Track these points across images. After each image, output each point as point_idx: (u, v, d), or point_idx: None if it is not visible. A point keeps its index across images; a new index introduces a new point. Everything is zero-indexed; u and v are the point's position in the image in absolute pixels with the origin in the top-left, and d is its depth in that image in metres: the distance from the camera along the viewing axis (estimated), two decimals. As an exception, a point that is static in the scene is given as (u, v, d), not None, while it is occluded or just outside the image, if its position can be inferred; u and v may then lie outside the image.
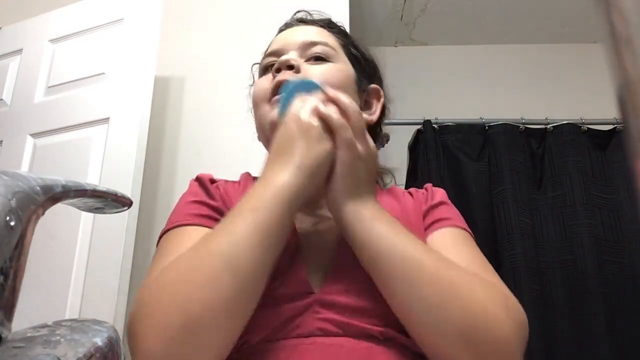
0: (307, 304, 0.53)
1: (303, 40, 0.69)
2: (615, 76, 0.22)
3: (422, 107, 2.17)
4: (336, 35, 0.72)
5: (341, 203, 0.54)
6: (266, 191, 0.51)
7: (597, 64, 2.27)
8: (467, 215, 1.94)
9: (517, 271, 1.65)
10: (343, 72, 0.68)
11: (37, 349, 0.30)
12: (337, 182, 0.54)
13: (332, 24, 0.75)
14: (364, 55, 0.74)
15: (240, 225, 0.48)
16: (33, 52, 1.68)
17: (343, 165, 0.54)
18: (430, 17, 2.41)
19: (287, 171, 0.52)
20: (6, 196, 0.31)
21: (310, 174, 0.52)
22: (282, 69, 0.65)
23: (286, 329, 0.52)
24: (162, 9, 1.56)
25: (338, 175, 0.54)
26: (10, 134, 1.60)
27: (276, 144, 0.55)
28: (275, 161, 0.54)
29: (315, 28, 0.72)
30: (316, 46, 0.68)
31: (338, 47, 0.70)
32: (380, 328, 0.52)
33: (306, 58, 0.68)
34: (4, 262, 0.30)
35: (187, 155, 1.62)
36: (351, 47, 0.72)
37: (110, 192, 0.44)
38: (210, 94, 1.66)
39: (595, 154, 1.84)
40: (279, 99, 0.61)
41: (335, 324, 0.52)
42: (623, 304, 1.62)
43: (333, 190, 0.55)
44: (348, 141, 0.54)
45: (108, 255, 1.31)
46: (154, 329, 0.44)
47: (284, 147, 0.54)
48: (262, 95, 0.67)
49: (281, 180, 0.51)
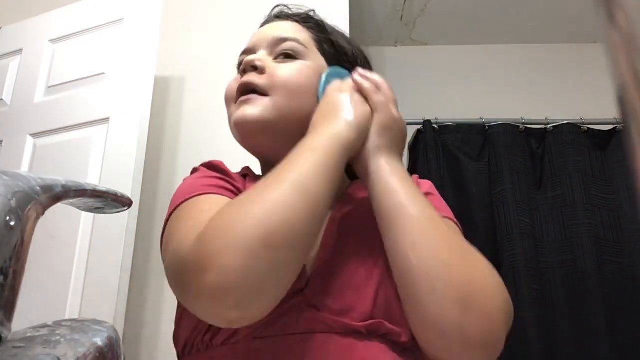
0: (294, 303, 0.54)
1: (273, 37, 0.68)
2: (615, 76, 0.22)
3: (422, 107, 2.17)
4: (310, 30, 0.70)
5: (374, 156, 0.58)
6: (322, 137, 0.55)
7: (597, 64, 2.27)
8: (467, 215, 1.96)
9: (517, 271, 1.65)
10: (310, 69, 0.66)
11: (37, 349, 0.30)
12: (371, 140, 0.59)
13: (308, 18, 0.73)
14: (342, 49, 0.72)
15: (305, 161, 0.51)
16: (33, 52, 1.68)
17: (378, 124, 0.59)
18: (430, 17, 2.41)
19: (340, 125, 0.56)
20: (6, 196, 0.31)
21: (359, 129, 0.57)
22: (247, 70, 0.65)
23: (273, 326, 0.52)
24: (162, 9, 1.56)
25: (373, 133, 0.59)
26: (10, 134, 1.60)
27: (320, 111, 0.60)
28: (323, 120, 0.58)
29: (288, 23, 0.71)
30: (285, 43, 0.67)
31: (310, 42, 0.68)
32: (364, 322, 0.53)
33: (275, 55, 0.67)
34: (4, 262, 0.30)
35: (187, 155, 1.62)
36: (325, 43, 0.70)
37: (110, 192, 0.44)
38: (210, 94, 1.66)
39: (595, 154, 1.84)
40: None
41: (322, 322, 0.53)
42: (623, 304, 1.63)
43: (366, 146, 0.58)
44: (383, 104, 0.60)
45: (108, 255, 1.31)
46: (234, 245, 0.44)
47: (329, 111, 0.59)
48: (230, 96, 0.67)
49: (335, 129, 0.56)
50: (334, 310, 0.53)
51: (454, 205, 1.77)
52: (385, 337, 0.54)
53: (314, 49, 0.69)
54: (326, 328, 0.53)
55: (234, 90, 0.66)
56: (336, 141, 0.54)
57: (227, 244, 0.44)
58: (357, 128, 0.57)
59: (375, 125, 0.59)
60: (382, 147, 0.59)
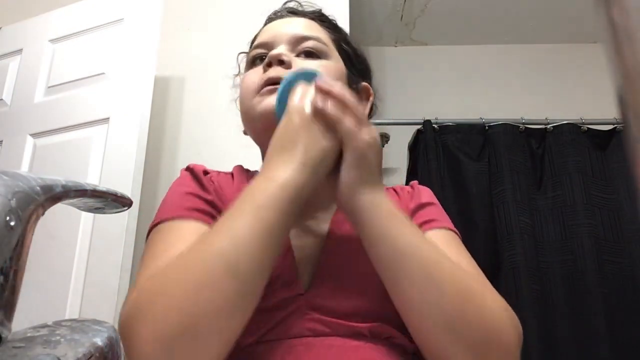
0: (297, 307, 0.54)
1: (294, 33, 0.66)
2: (615, 76, 0.22)
3: (422, 107, 2.17)
4: (327, 29, 0.70)
5: (355, 194, 0.51)
6: (269, 188, 0.48)
7: (597, 64, 2.27)
8: (467, 215, 1.95)
9: (517, 271, 1.65)
10: (335, 69, 0.66)
11: (37, 349, 0.30)
12: (348, 174, 0.51)
13: (324, 16, 0.72)
14: (356, 51, 0.72)
15: (242, 225, 0.46)
16: (33, 52, 1.68)
17: (353, 155, 0.51)
18: (430, 17, 2.41)
19: (291, 167, 0.49)
20: (6, 196, 0.31)
21: (314, 169, 0.50)
22: (273, 63, 0.63)
23: (277, 330, 0.52)
24: (162, 9, 1.56)
25: (349, 165, 0.51)
26: (10, 134, 1.60)
27: (278, 137, 0.53)
28: (277, 156, 0.51)
29: (306, 21, 0.69)
30: (308, 41, 0.65)
31: (329, 42, 0.68)
32: (368, 325, 0.53)
33: (297, 53, 0.65)
34: (4, 262, 0.30)
35: (187, 155, 1.62)
36: (343, 43, 0.70)
37: (110, 192, 0.44)
38: (210, 94, 1.66)
39: (595, 154, 1.84)
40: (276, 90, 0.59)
41: (324, 324, 0.53)
42: (623, 304, 1.62)
43: (344, 182, 0.52)
44: (352, 131, 0.51)
45: (108, 255, 1.31)
46: (153, 332, 0.42)
47: (286, 141, 0.52)
48: (252, 89, 0.64)
49: (285, 176, 0.49)
50: (337, 313, 0.53)
51: (454, 205, 1.79)
52: (388, 340, 0.54)
53: (333, 49, 0.68)
54: (329, 331, 0.52)
55: (256, 84, 0.64)
56: (287, 190, 0.48)
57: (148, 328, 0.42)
58: (313, 169, 0.50)
59: (348, 157, 0.51)
60: (361, 181, 0.51)
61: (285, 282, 0.55)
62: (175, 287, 0.44)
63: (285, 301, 0.54)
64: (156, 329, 0.42)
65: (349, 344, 0.52)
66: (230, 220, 0.47)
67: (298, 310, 0.53)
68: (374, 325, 0.53)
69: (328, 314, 0.53)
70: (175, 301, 0.43)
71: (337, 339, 0.52)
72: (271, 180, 0.49)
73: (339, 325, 0.52)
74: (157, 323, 0.42)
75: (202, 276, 0.43)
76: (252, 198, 0.48)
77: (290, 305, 0.54)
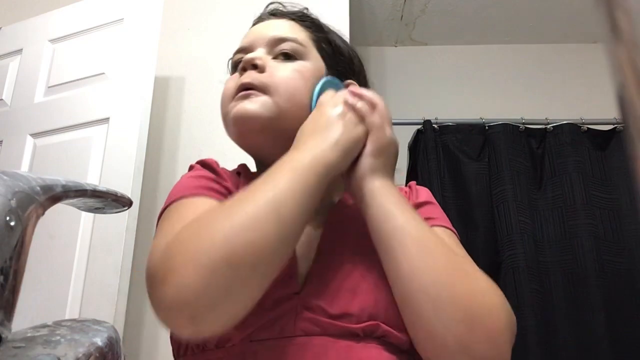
0: (291, 306, 0.54)
1: (272, 35, 0.66)
2: (615, 76, 0.22)
3: (422, 107, 2.17)
4: (308, 29, 0.69)
5: (368, 178, 0.56)
6: (304, 157, 0.53)
7: (597, 64, 2.28)
8: (467, 215, 1.95)
9: (517, 271, 1.65)
10: (312, 70, 0.65)
11: (37, 349, 0.30)
12: (366, 161, 0.57)
13: (305, 16, 0.71)
14: (339, 49, 0.71)
15: (283, 179, 0.49)
16: (33, 52, 1.68)
17: (374, 145, 0.58)
18: (430, 17, 2.41)
19: (325, 144, 0.54)
20: (6, 196, 0.31)
21: (345, 151, 0.55)
22: (247, 68, 0.64)
23: (270, 329, 0.53)
24: (162, 9, 1.56)
25: (369, 154, 0.57)
26: (10, 134, 1.60)
27: (309, 124, 0.58)
28: (309, 137, 0.56)
29: (285, 22, 0.69)
30: (285, 43, 0.66)
31: (309, 42, 0.68)
32: (362, 325, 0.53)
33: (274, 55, 0.66)
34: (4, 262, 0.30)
35: (187, 155, 1.62)
36: (323, 43, 0.69)
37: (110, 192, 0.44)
38: (210, 94, 1.65)
39: (595, 154, 1.84)
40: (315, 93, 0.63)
41: (318, 324, 0.53)
42: (623, 304, 1.62)
43: (361, 167, 0.57)
44: (378, 125, 0.58)
45: (108, 255, 1.31)
46: (194, 261, 0.43)
47: (320, 126, 0.57)
48: (229, 95, 0.65)
49: (319, 150, 0.53)
50: (330, 313, 0.53)
51: (454, 205, 1.79)
52: (382, 339, 0.54)
53: (313, 49, 0.68)
54: (323, 331, 0.53)
55: (232, 90, 0.65)
56: (319, 163, 0.52)
57: (187, 260, 0.44)
58: (343, 150, 0.55)
59: (370, 146, 0.58)
60: (377, 169, 0.57)
61: (283, 278, 0.55)
62: (222, 222, 0.46)
63: (279, 299, 0.54)
64: (200, 256, 0.43)
65: (342, 344, 0.52)
66: (271, 176, 0.50)
67: (292, 309, 0.54)
68: (367, 325, 0.53)
69: (322, 314, 0.53)
70: (221, 234, 0.45)
71: (330, 339, 0.52)
72: (306, 151, 0.54)
73: (332, 326, 0.53)
74: (203, 251, 0.44)
75: (248, 216, 0.46)
76: (288, 164, 0.52)
77: (285, 304, 0.54)
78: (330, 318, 0.53)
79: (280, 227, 0.46)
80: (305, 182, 0.50)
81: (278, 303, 0.54)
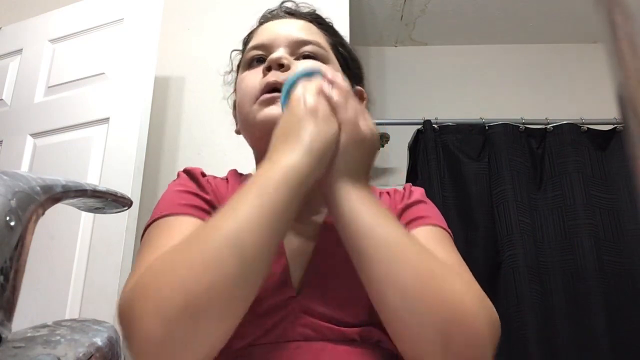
0: (288, 310, 0.54)
1: (294, 37, 0.66)
2: (615, 76, 0.22)
3: (422, 107, 2.17)
4: (325, 32, 0.69)
5: (335, 181, 0.52)
6: (274, 173, 0.48)
7: (597, 64, 2.27)
8: (467, 215, 1.95)
9: (517, 271, 1.65)
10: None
11: (37, 349, 0.30)
12: (337, 161, 0.52)
13: (320, 18, 0.71)
14: (351, 55, 0.72)
15: (247, 207, 0.46)
16: (33, 52, 1.68)
17: (346, 144, 0.52)
18: (430, 17, 2.41)
19: (296, 153, 0.49)
20: (6, 196, 0.31)
21: (319, 155, 0.50)
22: (273, 67, 0.63)
23: (269, 334, 0.53)
24: (162, 9, 1.56)
25: (340, 154, 0.52)
26: (10, 134, 1.60)
27: (281, 127, 0.53)
28: (282, 144, 0.51)
29: (304, 23, 0.69)
30: (308, 45, 0.65)
31: (327, 46, 0.68)
32: (358, 330, 0.53)
33: (296, 56, 0.65)
34: (4, 262, 0.30)
35: (187, 155, 1.62)
36: (339, 47, 0.70)
37: (110, 192, 0.44)
38: (210, 94, 1.66)
39: (595, 154, 1.84)
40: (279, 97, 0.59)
41: (315, 329, 0.53)
42: (623, 304, 1.62)
43: (331, 170, 0.52)
44: (351, 120, 0.53)
45: (108, 255, 1.31)
46: (153, 311, 0.42)
47: (290, 129, 0.52)
48: (251, 94, 0.64)
49: (290, 161, 0.49)
50: (328, 317, 0.53)
51: (454, 205, 1.79)
52: (377, 344, 0.54)
53: (331, 52, 0.68)
54: (322, 336, 0.53)
55: (256, 89, 0.64)
56: (291, 176, 0.48)
57: (148, 310, 0.42)
58: (318, 156, 0.50)
59: (341, 145, 0.52)
60: (347, 170, 0.52)
61: (278, 284, 0.55)
62: (180, 266, 0.44)
63: (277, 305, 0.54)
64: (159, 305, 0.42)
65: (339, 349, 0.52)
66: (236, 203, 0.47)
67: (290, 314, 0.54)
68: (364, 330, 0.53)
69: (319, 318, 0.53)
70: (179, 280, 0.42)
71: (327, 344, 0.52)
72: (276, 164, 0.49)
73: (329, 330, 0.53)
74: (161, 300, 0.42)
75: (206, 257, 0.43)
76: (257, 183, 0.48)
77: (283, 309, 0.54)
78: (327, 322, 0.53)
79: (243, 263, 0.43)
80: (275, 203, 0.46)
81: (275, 309, 0.54)
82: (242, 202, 0.46)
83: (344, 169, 0.52)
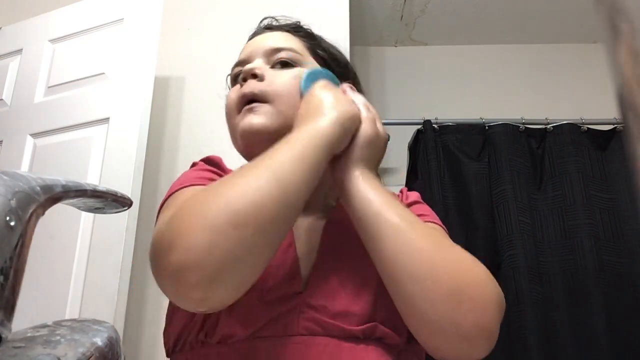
0: (294, 305, 0.55)
1: (268, 47, 0.69)
2: (615, 76, 0.22)
3: (422, 107, 2.17)
4: (302, 38, 0.72)
5: (353, 167, 0.57)
6: (303, 133, 0.54)
7: (597, 64, 2.27)
8: (467, 215, 1.95)
9: (517, 271, 1.65)
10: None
11: (37, 349, 0.30)
12: (354, 151, 0.58)
13: (298, 27, 0.75)
14: (332, 55, 0.74)
15: (282, 153, 0.51)
16: (33, 52, 1.68)
17: (364, 138, 0.58)
18: (430, 17, 2.41)
19: (324, 120, 0.55)
20: (6, 196, 0.31)
21: (342, 126, 0.56)
22: (247, 78, 0.66)
23: (274, 326, 0.54)
24: (162, 9, 1.56)
25: (357, 145, 0.58)
26: (10, 134, 1.60)
27: (305, 105, 0.59)
28: (308, 117, 0.56)
29: (280, 33, 0.72)
30: (281, 52, 0.68)
31: (304, 50, 0.70)
32: (362, 326, 0.54)
33: (272, 64, 0.68)
34: (4, 262, 0.30)
35: (187, 155, 1.62)
36: (318, 49, 0.72)
37: (110, 192, 0.44)
38: (210, 94, 1.65)
39: (595, 154, 1.84)
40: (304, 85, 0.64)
41: (320, 324, 0.54)
42: (623, 304, 1.62)
43: (348, 157, 0.58)
44: (371, 118, 0.60)
45: (108, 255, 1.31)
46: (200, 222, 0.44)
47: (313, 107, 0.58)
48: (233, 107, 0.67)
49: (317, 125, 0.54)
50: (332, 313, 0.54)
51: (454, 205, 1.79)
52: (380, 340, 0.55)
53: (309, 56, 0.70)
54: (325, 332, 0.54)
55: (235, 102, 0.67)
56: (317, 136, 0.53)
57: (194, 223, 0.45)
58: (342, 125, 0.56)
59: (360, 137, 0.59)
60: (363, 159, 0.58)
61: (287, 277, 0.56)
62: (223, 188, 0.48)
63: (283, 298, 0.55)
64: (205, 217, 0.45)
65: (345, 345, 0.53)
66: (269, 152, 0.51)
67: (295, 308, 0.55)
68: (368, 327, 0.54)
69: (323, 313, 0.54)
70: (224, 198, 0.46)
71: (331, 340, 0.53)
72: (304, 129, 0.54)
73: (333, 326, 0.54)
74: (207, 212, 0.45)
75: (248, 183, 0.47)
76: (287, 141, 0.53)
77: (288, 302, 0.55)
78: (332, 318, 0.54)
79: (282, 191, 0.47)
80: (303, 153, 0.51)
81: (282, 301, 0.55)
82: (277, 150, 0.51)
83: (360, 158, 0.58)
